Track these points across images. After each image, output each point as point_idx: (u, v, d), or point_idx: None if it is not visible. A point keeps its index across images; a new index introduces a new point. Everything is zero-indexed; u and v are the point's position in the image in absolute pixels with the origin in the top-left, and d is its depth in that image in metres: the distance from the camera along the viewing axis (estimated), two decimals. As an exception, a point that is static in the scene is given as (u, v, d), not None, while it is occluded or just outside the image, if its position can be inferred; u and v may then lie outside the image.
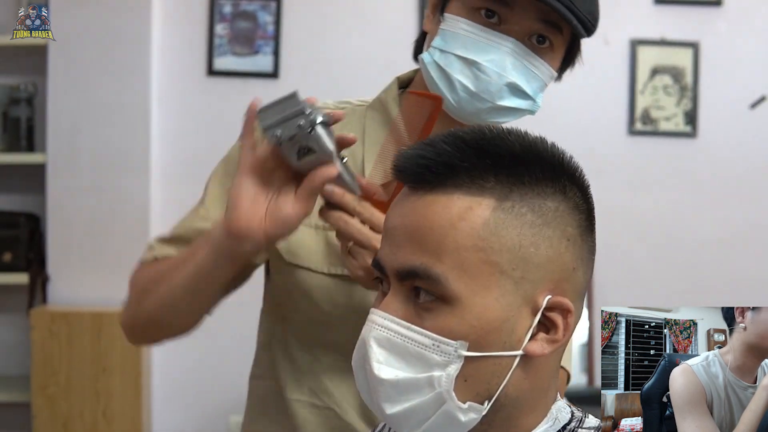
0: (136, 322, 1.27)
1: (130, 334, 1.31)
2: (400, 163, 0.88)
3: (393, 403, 0.86)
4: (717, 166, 3.15)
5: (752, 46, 3.14)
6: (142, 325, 1.27)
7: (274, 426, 1.32)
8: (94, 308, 2.85)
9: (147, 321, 1.25)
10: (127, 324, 1.29)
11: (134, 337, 1.32)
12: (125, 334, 1.31)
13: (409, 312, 0.86)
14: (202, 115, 3.03)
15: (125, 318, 1.29)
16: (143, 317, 1.25)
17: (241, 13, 3.04)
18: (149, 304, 1.23)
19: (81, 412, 2.78)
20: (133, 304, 1.27)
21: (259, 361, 1.37)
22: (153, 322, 1.25)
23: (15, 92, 2.96)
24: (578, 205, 0.88)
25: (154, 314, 1.23)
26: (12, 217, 2.97)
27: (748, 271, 3.12)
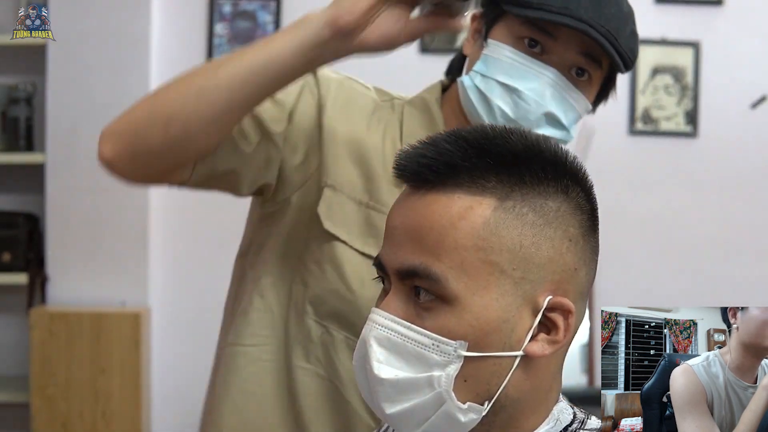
0: (134, 119, 1.13)
1: (113, 139, 1.15)
2: (401, 162, 0.88)
3: (393, 402, 0.86)
4: (717, 166, 3.14)
5: (753, 46, 3.13)
6: (143, 124, 1.11)
7: (263, 389, 1.28)
8: (93, 308, 2.85)
9: (152, 118, 1.10)
10: (119, 125, 1.14)
11: (116, 143, 1.14)
12: (103, 141, 1.16)
13: (409, 312, 0.86)
14: (202, 114, 3.02)
15: (117, 120, 1.15)
16: (149, 114, 1.11)
17: (241, 12, 3.04)
18: (168, 96, 1.11)
19: (80, 413, 2.78)
20: (139, 103, 1.14)
21: (247, 325, 1.30)
22: (162, 119, 1.09)
23: (14, 92, 2.96)
24: (581, 206, 0.88)
25: (171, 108, 1.09)
26: (11, 217, 2.97)
27: (748, 271, 3.11)
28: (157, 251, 3.00)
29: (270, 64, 1.07)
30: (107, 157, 1.16)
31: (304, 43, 1.05)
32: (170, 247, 3.03)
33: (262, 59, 1.07)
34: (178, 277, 3.03)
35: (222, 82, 1.08)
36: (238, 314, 1.31)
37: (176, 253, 3.04)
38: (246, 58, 1.08)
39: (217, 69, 1.09)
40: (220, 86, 1.08)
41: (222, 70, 1.08)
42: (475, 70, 1.22)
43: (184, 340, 2.99)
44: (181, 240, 3.04)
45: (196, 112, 1.08)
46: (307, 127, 1.24)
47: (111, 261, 2.92)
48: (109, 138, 1.15)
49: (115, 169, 1.16)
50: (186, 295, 3.02)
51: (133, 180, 1.20)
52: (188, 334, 3.00)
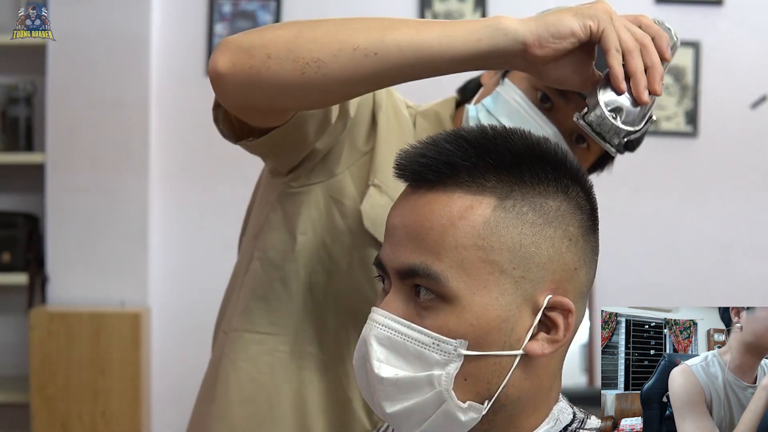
0: (270, 44, 1.00)
1: (237, 53, 1.02)
2: (402, 162, 0.88)
3: (393, 401, 0.86)
4: (717, 166, 3.14)
5: (753, 46, 3.13)
6: (281, 54, 0.99)
7: (275, 381, 1.26)
8: (93, 308, 2.84)
9: (293, 53, 0.99)
10: (251, 41, 1.02)
11: (239, 59, 1.02)
12: (223, 50, 1.03)
13: (409, 311, 0.86)
14: (202, 114, 3.00)
15: (248, 35, 1.03)
16: (291, 46, 0.99)
17: (241, 12, 3.04)
18: (320, 38, 0.99)
19: (80, 413, 2.78)
20: (281, 29, 1.03)
21: (266, 312, 1.26)
22: (303, 59, 0.99)
23: (14, 92, 2.96)
24: (581, 205, 0.88)
25: (319, 53, 0.99)
26: (11, 217, 2.97)
27: (748, 271, 3.11)
28: (157, 251, 3.00)
29: (445, 53, 0.97)
30: (221, 68, 1.03)
31: (490, 48, 0.96)
32: (170, 247, 3.03)
33: (437, 45, 0.97)
34: (178, 277, 3.03)
35: (385, 51, 0.97)
36: (254, 299, 1.26)
37: (176, 253, 3.03)
38: (420, 37, 0.97)
39: (384, 34, 0.98)
40: (381, 53, 0.98)
41: (389, 37, 0.98)
42: (483, 103, 1.23)
43: (184, 340, 2.99)
44: (181, 240, 3.04)
45: (344, 68, 0.98)
46: (362, 121, 1.24)
47: (111, 261, 2.92)
48: (232, 50, 1.02)
49: (223, 83, 1.04)
50: (186, 295, 3.02)
51: (231, 100, 1.09)
52: (188, 334, 2.99)
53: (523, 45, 0.95)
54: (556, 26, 0.94)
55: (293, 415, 1.25)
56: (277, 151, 1.20)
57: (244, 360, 1.26)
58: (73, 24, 2.86)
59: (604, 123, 0.95)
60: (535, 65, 0.97)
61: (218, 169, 3.02)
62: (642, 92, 0.94)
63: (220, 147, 2.59)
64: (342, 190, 1.24)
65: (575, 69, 0.98)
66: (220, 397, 1.26)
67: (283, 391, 1.25)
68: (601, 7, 0.96)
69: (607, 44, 0.94)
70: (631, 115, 0.96)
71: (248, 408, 1.25)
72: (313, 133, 1.18)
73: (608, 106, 0.95)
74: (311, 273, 1.25)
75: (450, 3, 3.07)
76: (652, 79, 0.94)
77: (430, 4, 3.06)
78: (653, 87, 0.94)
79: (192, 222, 3.04)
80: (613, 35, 0.94)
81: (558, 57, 0.96)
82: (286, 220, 1.25)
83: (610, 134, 0.96)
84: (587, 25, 0.94)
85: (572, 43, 0.95)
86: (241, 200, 1.35)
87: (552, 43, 0.94)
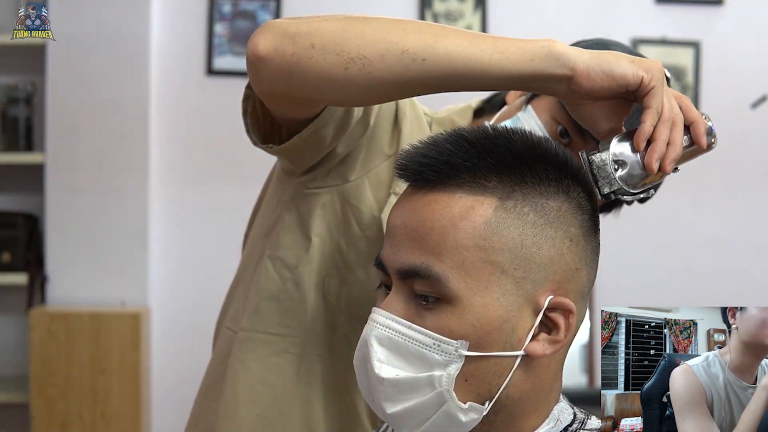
0: (317, 32, 0.98)
1: (280, 38, 0.98)
2: (403, 162, 0.88)
3: (393, 402, 0.86)
4: (718, 166, 3.14)
5: (753, 46, 3.13)
6: (326, 45, 0.97)
7: (283, 381, 1.25)
8: (93, 309, 2.84)
9: (339, 46, 0.96)
10: (297, 28, 0.98)
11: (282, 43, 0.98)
12: (266, 33, 0.99)
13: (410, 311, 0.86)
14: (202, 114, 3.02)
15: (296, 22, 1.00)
16: (338, 39, 0.97)
17: (241, 12, 3.04)
18: (369, 35, 0.97)
19: (79, 413, 2.78)
20: (330, 21, 1.00)
21: (276, 312, 1.25)
22: (348, 54, 0.96)
23: (13, 92, 2.96)
24: (582, 206, 0.88)
25: (366, 50, 0.96)
26: (10, 217, 2.97)
27: (748, 271, 3.11)
28: (157, 251, 3.00)
29: (494, 68, 0.95)
30: (261, 51, 0.98)
31: (540, 70, 0.94)
32: (170, 247, 3.03)
33: (488, 59, 0.94)
34: (178, 277, 3.03)
35: (435, 58, 0.95)
36: (265, 298, 1.25)
37: (176, 253, 3.03)
38: (472, 49, 0.95)
39: (436, 40, 0.95)
40: (430, 60, 0.95)
41: (440, 45, 0.95)
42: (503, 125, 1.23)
43: (184, 340, 2.99)
44: (181, 240, 3.04)
45: (390, 70, 0.95)
46: (384, 126, 1.23)
47: (111, 261, 2.91)
48: (275, 34, 0.98)
49: (261, 66, 1.00)
50: (186, 295, 3.02)
51: (266, 85, 1.04)
52: (188, 334, 2.99)
53: (572, 72, 0.93)
54: (610, 65, 0.92)
55: (301, 417, 1.25)
56: (294, 154, 1.19)
57: (253, 360, 1.24)
58: (73, 24, 2.86)
59: (604, 168, 0.94)
60: (575, 96, 0.95)
61: (218, 169, 3.02)
62: (654, 160, 0.92)
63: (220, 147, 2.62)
64: (359, 196, 1.23)
65: (608, 115, 0.97)
66: (228, 397, 1.25)
67: (292, 394, 1.24)
68: (658, 66, 0.94)
69: (650, 102, 0.92)
70: (632, 177, 0.95)
71: (257, 409, 1.24)
72: (331, 136, 1.16)
73: (616, 156, 0.94)
74: (325, 277, 1.24)
75: (450, 3, 3.07)
76: (667, 154, 0.93)
77: (430, 4, 3.05)
78: (665, 163, 0.93)
79: (192, 222, 3.04)
80: (660, 96, 0.93)
81: (600, 96, 0.95)
82: (300, 221, 1.24)
83: (603, 180, 0.94)
84: (640, 75, 0.92)
85: (620, 86, 0.93)
86: (240, 200, 1.35)
87: (600, 79, 0.92)
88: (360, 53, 0.95)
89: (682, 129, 0.95)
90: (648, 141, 0.93)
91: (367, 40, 0.96)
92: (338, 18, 0.99)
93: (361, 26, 0.97)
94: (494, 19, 3.06)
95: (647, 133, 0.92)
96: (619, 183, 0.93)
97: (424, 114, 1.32)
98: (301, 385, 1.24)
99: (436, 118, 1.32)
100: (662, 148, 0.92)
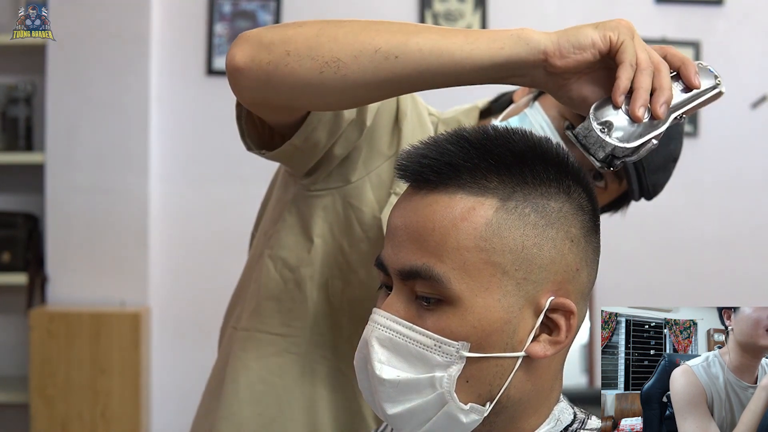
0: (291, 40, 0.98)
1: (256, 48, 1.00)
2: (403, 162, 0.88)
3: (394, 403, 0.86)
4: (718, 166, 3.14)
5: (753, 46, 3.13)
6: (300, 51, 0.98)
7: (284, 381, 1.24)
8: (93, 308, 2.85)
9: (313, 51, 0.97)
10: (271, 36, 0.99)
11: (258, 53, 0.99)
12: (242, 44, 1.00)
13: (411, 312, 0.86)
14: (201, 114, 3.03)
15: (269, 30, 1.01)
16: (312, 44, 0.97)
17: (241, 12, 3.04)
18: (341, 38, 0.97)
19: (79, 413, 2.78)
20: (302, 27, 1.00)
21: (279, 312, 1.25)
22: (323, 58, 0.96)
23: (13, 92, 2.96)
24: (582, 206, 0.88)
25: (340, 53, 0.97)
26: (10, 217, 2.97)
27: (748, 271, 3.11)
28: (157, 251, 3.00)
29: (466, 59, 0.94)
30: (239, 62, 1.00)
31: (511, 56, 0.94)
32: (170, 247, 3.03)
33: (459, 51, 0.94)
34: (178, 277, 3.03)
35: (407, 54, 0.95)
36: (266, 298, 1.25)
37: (176, 253, 3.03)
38: (443, 42, 0.95)
39: (408, 38, 0.96)
40: (403, 57, 0.95)
41: (412, 41, 0.95)
42: (509, 122, 1.22)
43: (184, 340, 2.99)
44: (181, 240, 3.04)
45: (364, 70, 0.96)
46: (383, 127, 1.22)
47: (111, 261, 2.92)
48: (251, 45, 1.00)
49: (240, 77, 1.01)
50: (186, 295, 3.02)
51: (246, 95, 1.06)
52: (188, 334, 2.99)
53: (544, 54, 0.93)
54: (576, 36, 0.93)
55: (303, 417, 1.24)
56: (290, 158, 1.19)
57: (254, 360, 1.25)
58: (73, 24, 2.87)
59: (590, 135, 0.92)
60: (556, 80, 0.95)
61: (218, 169, 3.02)
62: (638, 108, 0.91)
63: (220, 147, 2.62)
64: (360, 197, 1.22)
65: (595, 90, 0.96)
66: (229, 396, 1.25)
67: (294, 393, 1.24)
68: (624, 23, 0.94)
69: (622, 56, 0.92)
70: (625, 133, 0.92)
71: (257, 408, 1.24)
72: (324, 138, 1.16)
73: (598, 119, 0.92)
74: (328, 278, 1.24)
75: (450, 3, 3.07)
76: (655, 99, 0.92)
77: (430, 4, 3.06)
78: (654, 108, 0.91)
79: (192, 222, 3.04)
80: (631, 49, 0.92)
81: (579, 69, 0.94)
82: (301, 222, 1.24)
83: (594, 147, 0.93)
84: (607, 36, 0.92)
85: (593, 54, 0.93)
86: (240, 200, 1.35)
87: (572, 53, 0.92)
88: (334, 56, 0.96)
89: (668, 73, 0.94)
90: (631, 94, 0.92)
91: (340, 43, 0.96)
92: (313, 23, 1.00)
93: (335, 30, 0.98)
94: (494, 19, 3.06)
95: (624, 87, 0.91)
96: (612, 142, 0.91)
97: (430, 114, 1.31)
98: (305, 385, 1.24)
99: (442, 119, 1.32)
100: (644, 96, 0.91)
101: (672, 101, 0.93)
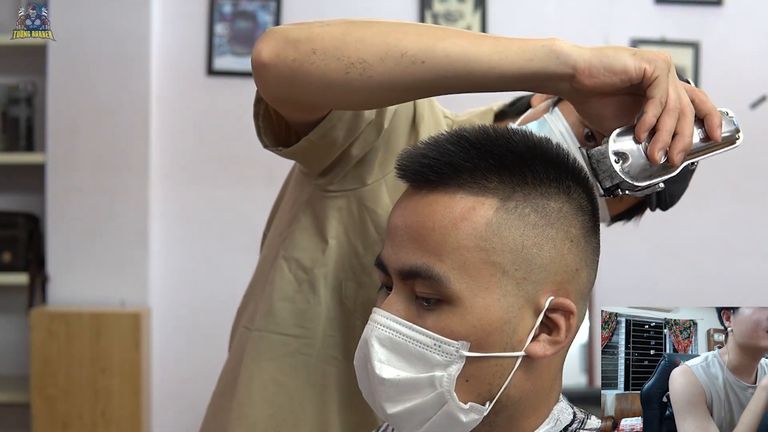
0: (317, 38, 0.98)
1: (283, 44, 0.99)
2: (403, 162, 0.88)
3: (394, 402, 0.86)
4: (717, 166, 3.13)
5: (753, 46, 3.13)
6: (327, 51, 0.97)
7: (296, 381, 1.24)
8: (93, 308, 2.85)
9: (339, 51, 0.97)
10: (299, 33, 0.99)
11: (284, 50, 0.99)
12: (269, 40, 1.00)
13: (411, 312, 0.86)
14: (202, 114, 3.03)
15: (297, 27, 1.01)
16: (339, 44, 0.97)
17: (241, 12, 3.04)
18: (368, 39, 0.96)
19: (80, 413, 2.78)
20: (330, 26, 1.00)
21: (292, 314, 1.24)
22: (349, 59, 0.96)
23: (14, 92, 2.96)
24: (582, 206, 0.88)
25: (366, 54, 0.96)
26: (11, 217, 2.97)
27: (748, 271, 3.11)
28: (157, 251, 3.00)
29: (495, 68, 0.93)
30: (264, 58, 0.99)
31: (540, 69, 0.93)
32: (170, 247, 3.03)
33: (488, 60, 0.93)
34: (178, 277, 3.03)
35: (434, 60, 0.94)
36: (279, 299, 1.25)
37: (176, 253, 3.03)
38: (471, 50, 0.94)
39: (435, 42, 0.95)
40: (430, 62, 0.94)
41: (440, 46, 0.94)
42: (528, 127, 1.21)
43: (184, 340, 2.99)
44: (181, 240, 3.04)
45: (389, 73, 0.95)
46: (400, 129, 1.22)
47: (111, 261, 2.92)
48: (278, 41, 0.99)
49: (265, 73, 1.00)
50: (186, 295, 3.02)
51: (270, 91, 1.05)
52: (188, 334, 3.00)
53: (573, 70, 0.91)
54: (611, 60, 0.91)
55: (314, 418, 1.24)
56: (306, 155, 1.19)
57: (267, 360, 1.24)
58: (73, 24, 2.87)
59: (603, 161, 0.91)
60: (580, 95, 0.94)
61: (218, 169, 3.02)
62: (657, 151, 0.90)
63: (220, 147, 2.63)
64: (376, 200, 1.22)
65: (616, 113, 0.95)
66: (242, 397, 1.25)
67: (306, 394, 1.24)
68: (662, 56, 0.93)
69: (653, 92, 0.91)
70: (636, 169, 0.91)
71: (269, 409, 1.24)
72: (342, 137, 1.15)
73: (615, 148, 0.91)
74: (342, 279, 1.24)
75: (450, 3, 3.07)
76: (674, 145, 0.90)
77: (430, 5, 3.06)
78: (672, 153, 0.90)
79: (192, 222, 3.04)
80: (663, 86, 0.91)
81: (605, 92, 0.93)
82: (316, 223, 1.24)
83: (603, 174, 0.92)
84: (642, 68, 0.91)
85: (622, 80, 0.91)
86: (240, 200, 1.35)
87: (602, 75, 0.91)
88: (360, 57, 0.95)
89: (692, 119, 0.93)
90: (653, 133, 0.91)
91: (367, 44, 0.96)
92: (340, 23, 0.99)
93: (362, 30, 0.97)
94: (494, 19, 3.06)
95: (649, 124, 0.90)
96: (621, 176, 0.90)
97: (445, 117, 1.31)
98: (316, 387, 1.24)
99: (457, 121, 1.32)
100: (665, 138, 0.90)
101: (690, 148, 0.92)
